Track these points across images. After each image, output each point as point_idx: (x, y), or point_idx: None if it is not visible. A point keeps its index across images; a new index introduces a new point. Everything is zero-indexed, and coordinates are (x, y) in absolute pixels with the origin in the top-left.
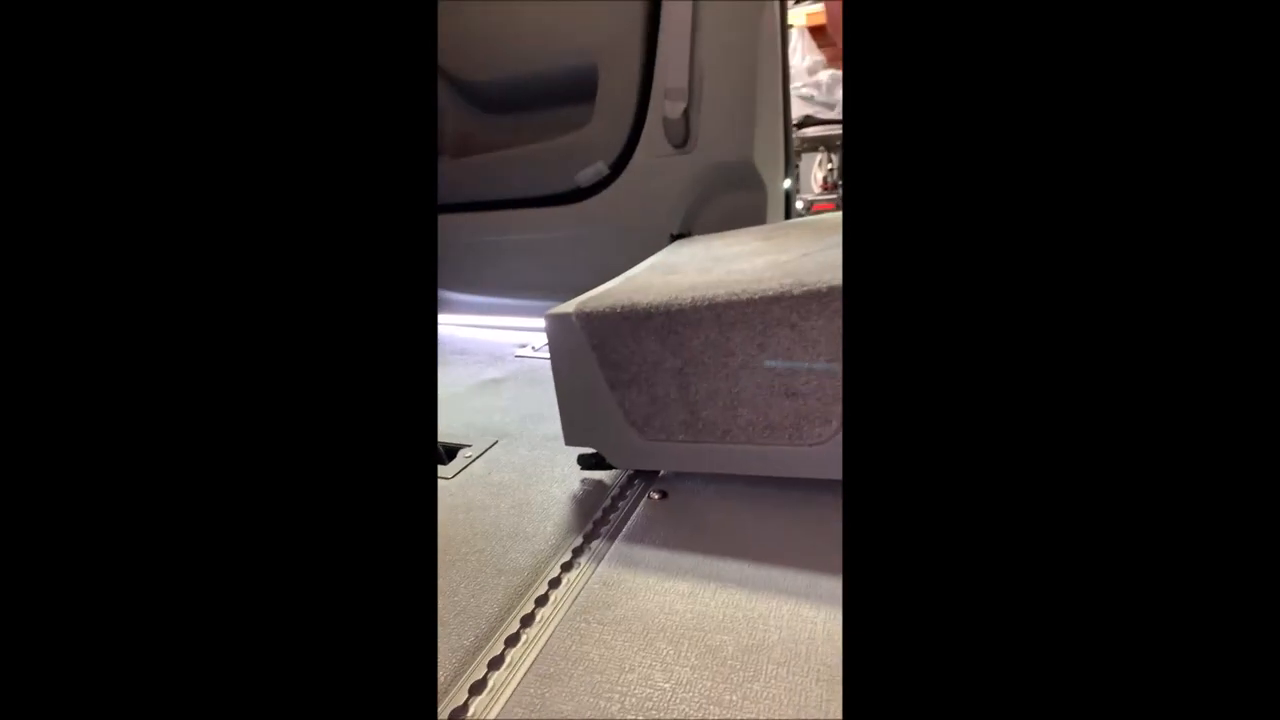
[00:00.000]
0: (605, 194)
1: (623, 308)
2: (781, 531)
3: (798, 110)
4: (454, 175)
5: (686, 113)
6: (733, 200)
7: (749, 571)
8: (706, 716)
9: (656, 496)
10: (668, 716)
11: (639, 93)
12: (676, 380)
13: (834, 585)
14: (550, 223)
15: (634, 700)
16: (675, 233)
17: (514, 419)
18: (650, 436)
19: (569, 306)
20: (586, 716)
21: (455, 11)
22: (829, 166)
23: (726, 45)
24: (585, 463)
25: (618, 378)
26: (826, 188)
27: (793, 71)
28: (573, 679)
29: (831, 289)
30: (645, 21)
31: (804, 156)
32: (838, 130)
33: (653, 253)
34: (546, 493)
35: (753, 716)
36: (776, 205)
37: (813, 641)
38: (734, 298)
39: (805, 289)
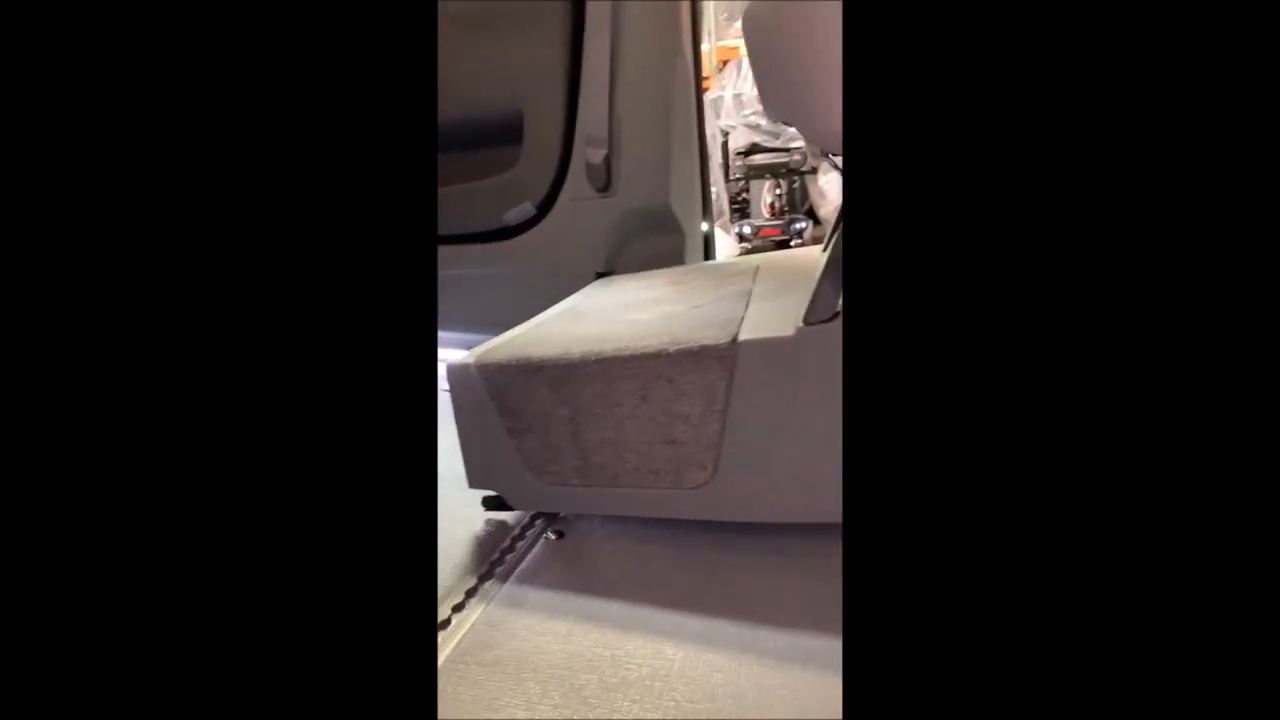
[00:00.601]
0: (532, 233)
1: (518, 360)
2: (661, 572)
3: (746, 138)
4: None
5: (607, 159)
6: (653, 242)
7: (625, 611)
8: None
9: (554, 536)
10: None
11: (563, 138)
12: (569, 429)
13: (698, 623)
14: (480, 259)
15: None
16: (600, 271)
17: None
18: (547, 481)
19: (469, 356)
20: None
21: None
22: (776, 193)
23: (643, 97)
24: (489, 504)
25: (515, 425)
26: (774, 213)
27: (743, 99)
28: None
29: (703, 348)
30: (567, 72)
31: (753, 184)
32: (784, 158)
33: (577, 290)
34: (449, 533)
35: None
36: (695, 246)
37: (668, 679)
38: (619, 353)
39: (680, 347)
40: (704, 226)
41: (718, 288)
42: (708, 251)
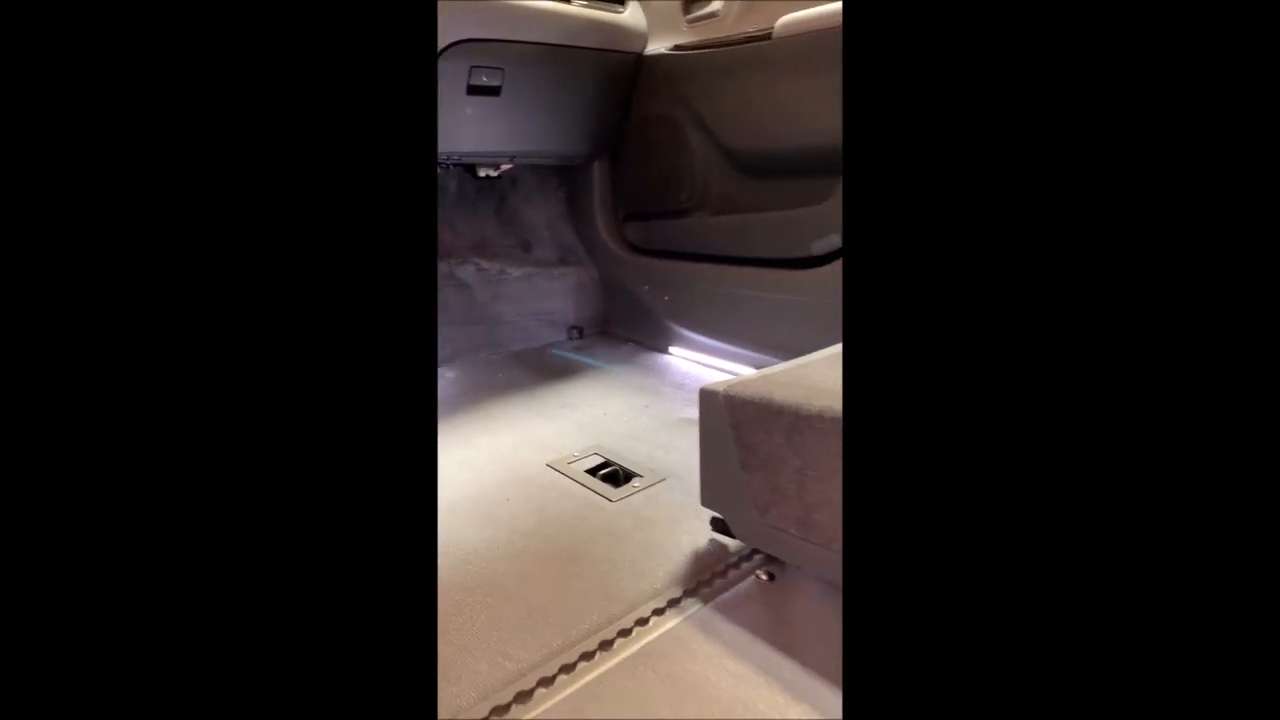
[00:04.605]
0: (834, 266)
1: (760, 400)
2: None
3: None
4: (711, 229)
5: None
6: None
7: (801, 678)
8: None
9: (764, 577)
10: None
11: None
12: (796, 478)
13: None
14: (780, 285)
15: None
16: None
17: (690, 461)
18: (769, 521)
19: (720, 386)
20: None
21: (727, 92)
22: None
23: None
24: (715, 525)
25: (748, 460)
26: None
27: None
28: (592, 711)
29: None
30: None
31: None
32: None
33: None
34: (676, 541)
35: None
36: None
37: None
38: None
39: None
40: None
41: None
42: None
